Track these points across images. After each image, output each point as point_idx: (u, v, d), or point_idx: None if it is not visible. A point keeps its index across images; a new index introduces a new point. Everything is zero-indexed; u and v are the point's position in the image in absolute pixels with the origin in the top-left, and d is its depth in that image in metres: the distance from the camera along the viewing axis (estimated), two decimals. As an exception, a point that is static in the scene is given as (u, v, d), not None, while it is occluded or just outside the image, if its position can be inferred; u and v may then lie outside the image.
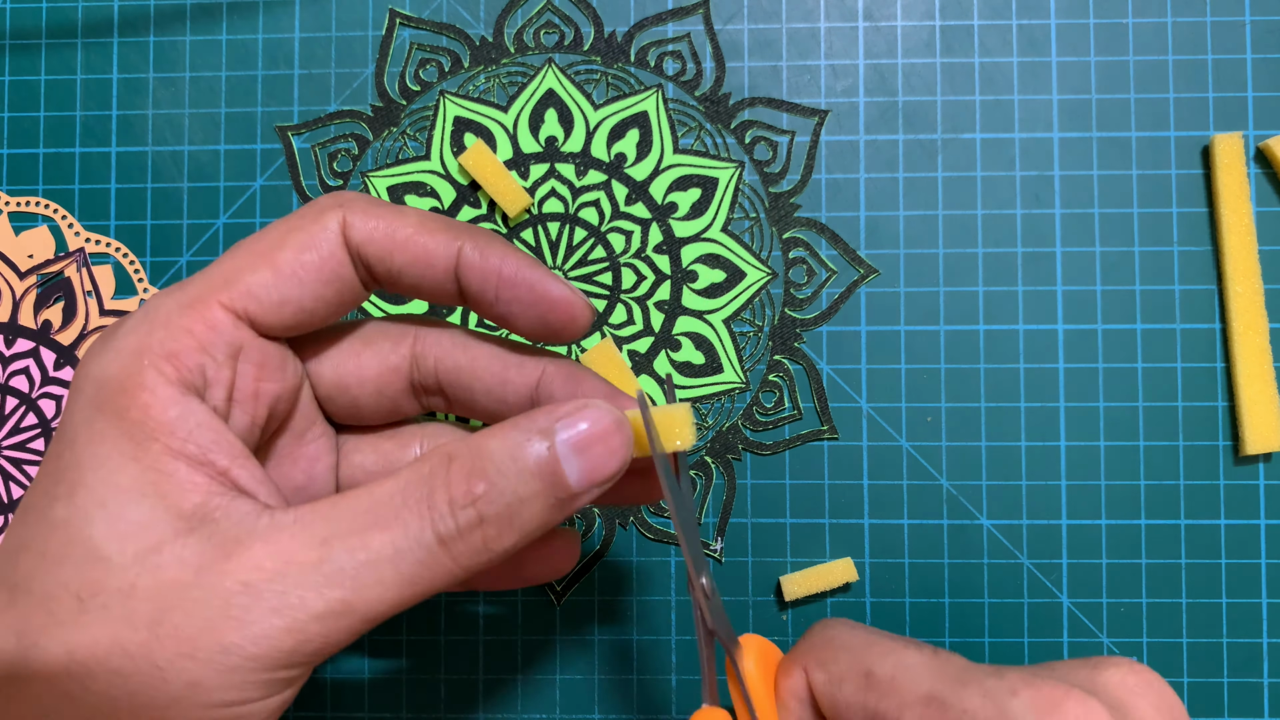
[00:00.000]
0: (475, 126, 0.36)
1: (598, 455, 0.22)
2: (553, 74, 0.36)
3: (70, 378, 0.36)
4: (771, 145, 0.35)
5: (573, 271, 0.35)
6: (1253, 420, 0.34)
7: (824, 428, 0.35)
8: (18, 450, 0.36)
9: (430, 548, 0.21)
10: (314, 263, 0.23)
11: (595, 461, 0.22)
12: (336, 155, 0.36)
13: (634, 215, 0.35)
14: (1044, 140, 0.35)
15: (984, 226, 0.35)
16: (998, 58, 0.35)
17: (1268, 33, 0.35)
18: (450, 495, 0.21)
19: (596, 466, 0.22)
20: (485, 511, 0.21)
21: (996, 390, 0.35)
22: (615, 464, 0.22)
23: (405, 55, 0.36)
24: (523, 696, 0.35)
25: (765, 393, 0.35)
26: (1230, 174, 0.34)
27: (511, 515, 0.21)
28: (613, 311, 0.35)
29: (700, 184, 0.35)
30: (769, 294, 0.35)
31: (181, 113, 0.36)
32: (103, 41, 0.36)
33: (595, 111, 0.36)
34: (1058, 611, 0.34)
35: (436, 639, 0.35)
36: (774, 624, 0.35)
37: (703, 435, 0.35)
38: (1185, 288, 0.35)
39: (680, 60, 0.36)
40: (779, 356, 0.35)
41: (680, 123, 0.36)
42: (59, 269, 0.36)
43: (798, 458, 0.35)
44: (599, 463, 0.22)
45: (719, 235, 0.35)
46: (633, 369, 0.35)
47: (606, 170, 0.35)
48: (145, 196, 0.36)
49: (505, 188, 0.35)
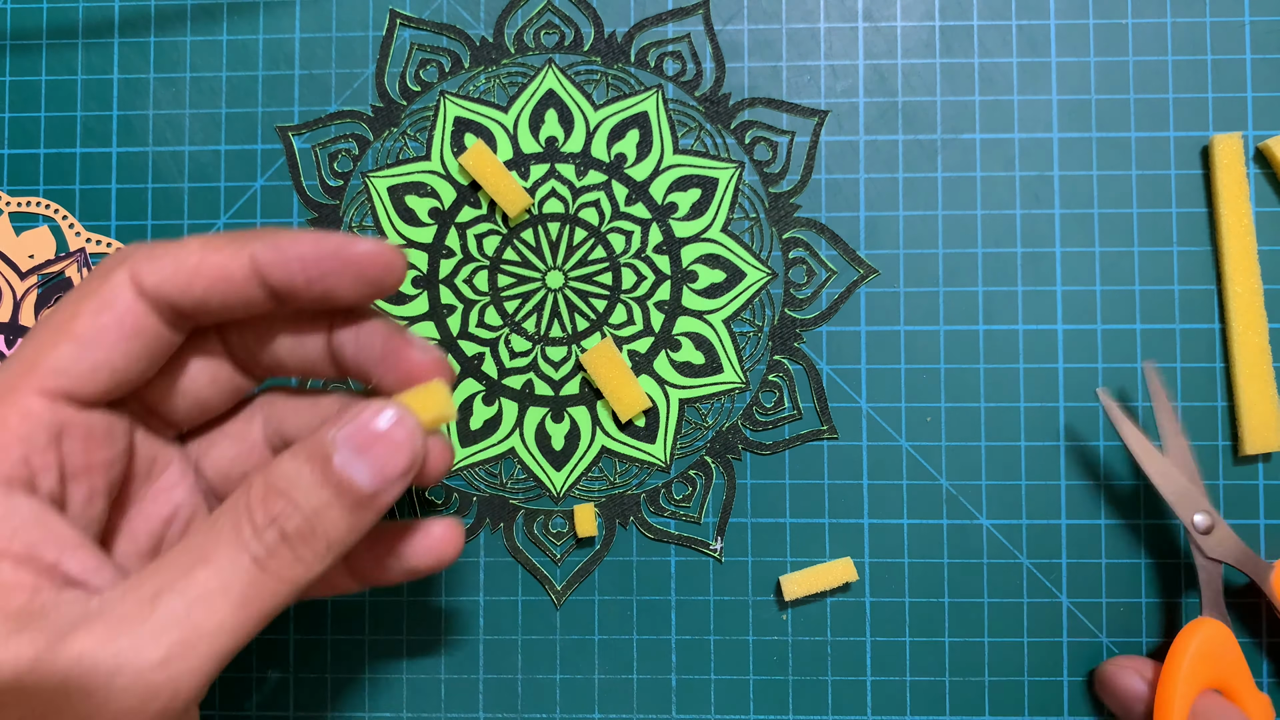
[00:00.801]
0: (475, 127, 0.36)
1: (382, 453, 0.23)
2: (553, 74, 0.36)
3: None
4: (771, 145, 0.35)
5: (573, 272, 0.35)
6: (1252, 420, 0.34)
7: (824, 428, 0.35)
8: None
9: (250, 571, 0.22)
10: (112, 322, 0.23)
11: (382, 460, 0.23)
12: (337, 155, 0.36)
13: (634, 215, 0.35)
14: (1044, 140, 0.35)
15: (984, 226, 0.35)
16: (998, 58, 0.35)
17: (1268, 33, 0.35)
18: (253, 519, 0.22)
19: (385, 464, 0.23)
20: (286, 528, 0.22)
21: (996, 390, 0.35)
22: (404, 457, 0.23)
23: (405, 56, 0.36)
24: (523, 696, 0.35)
25: (765, 393, 0.35)
26: (1230, 174, 0.34)
27: (313, 528, 0.22)
28: (613, 311, 0.35)
29: (700, 184, 0.35)
30: (769, 294, 0.35)
31: (182, 113, 0.36)
32: (103, 42, 0.36)
33: (595, 112, 0.36)
34: (1057, 611, 0.34)
35: (437, 639, 0.35)
36: (774, 624, 0.35)
37: (703, 435, 0.35)
38: (1185, 288, 0.35)
39: (680, 61, 0.36)
40: (779, 356, 0.35)
41: (680, 123, 0.36)
42: (60, 269, 0.36)
43: (798, 458, 0.35)
44: (386, 460, 0.23)
45: (719, 235, 0.35)
46: (633, 369, 0.35)
47: (606, 170, 0.35)
48: (146, 197, 0.36)
49: (506, 188, 0.35)
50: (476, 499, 0.35)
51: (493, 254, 0.35)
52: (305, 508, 0.22)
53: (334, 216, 0.36)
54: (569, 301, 0.35)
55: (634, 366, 0.35)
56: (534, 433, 0.35)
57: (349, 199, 0.36)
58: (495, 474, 0.35)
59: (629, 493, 0.35)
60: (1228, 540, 0.32)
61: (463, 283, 0.35)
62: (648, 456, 0.35)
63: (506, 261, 0.35)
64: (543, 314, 0.35)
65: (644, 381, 0.35)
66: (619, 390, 0.34)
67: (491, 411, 0.35)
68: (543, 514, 0.35)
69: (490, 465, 0.35)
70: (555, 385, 0.35)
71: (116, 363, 0.23)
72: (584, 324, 0.35)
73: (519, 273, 0.35)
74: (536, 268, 0.35)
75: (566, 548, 0.35)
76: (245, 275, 0.24)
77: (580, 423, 0.35)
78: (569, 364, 0.35)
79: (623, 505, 0.35)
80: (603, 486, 0.35)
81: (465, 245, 0.35)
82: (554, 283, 0.35)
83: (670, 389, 0.35)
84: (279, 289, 0.24)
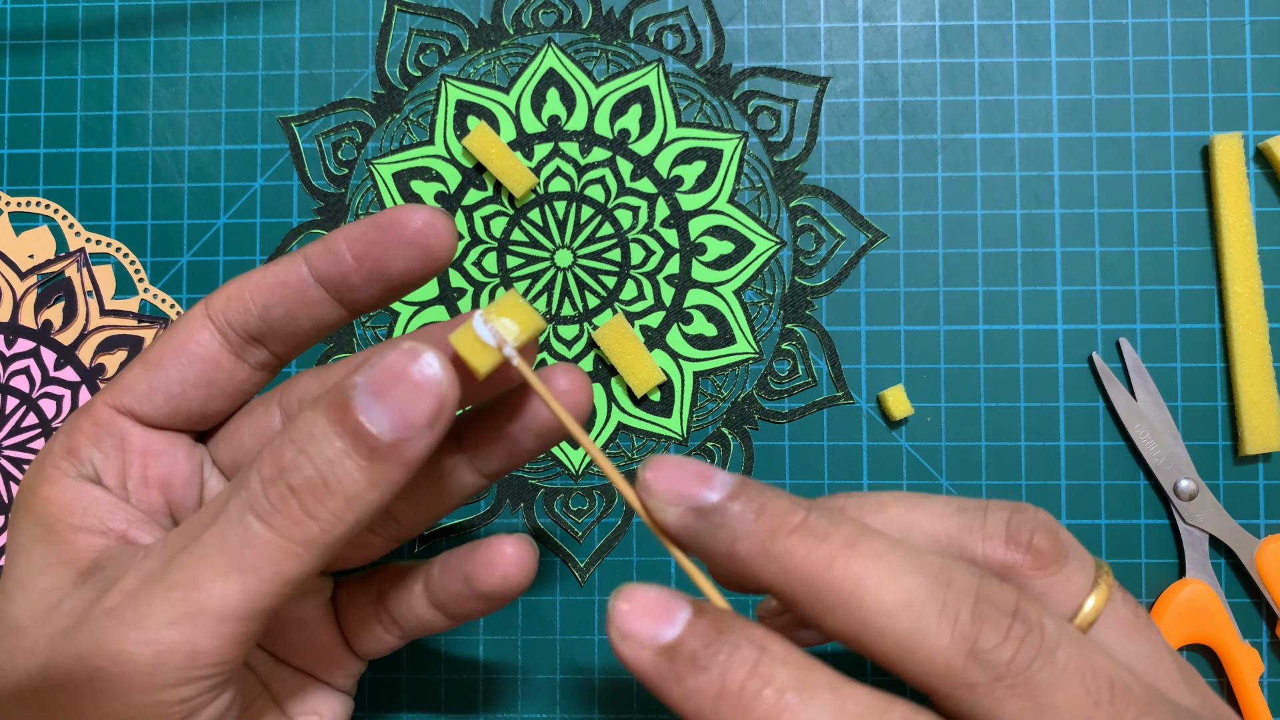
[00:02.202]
0: (478, 109, 0.36)
1: (403, 395, 0.20)
2: (553, 53, 0.36)
3: (71, 378, 0.36)
4: (774, 114, 0.36)
5: (581, 250, 0.35)
6: (1252, 420, 0.34)
7: (839, 394, 0.35)
8: (18, 450, 0.36)
9: (252, 528, 0.20)
10: (173, 348, 0.24)
11: (402, 404, 0.20)
12: (340, 145, 0.36)
13: (640, 190, 0.35)
14: (1044, 140, 0.35)
15: (984, 226, 0.35)
16: (998, 58, 0.35)
17: (1268, 33, 0.35)
18: (260, 472, 0.21)
19: (406, 409, 0.20)
20: (293, 480, 0.20)
21: (996, 390, 0.35)
22: (429, 402, 0.20)
23: (405, 41, 0.36)
24: (523, 696, 0.35)
25: (779, 362, 0.35)
26: (1230, 174, 0.34)
27: (324, 480, 0.20)
28: (623, 288, 0.35)
29: (705, 156, 0.36)
30: (778, 263, 0.35)
31: (182, 113, 0.36)
32: (103, 42, 0.36)
33: (597, 89, 0.36)
34: (1058, 611, 0.34)
35: (437, 639, 0.35)
36: (774, 624, 0.35)
37: (719, 406, 0.35)
38: (1185, 288, 0.35)
39: (680, 34, 0.36)
40: (791, 325, 0.35)
41: (682, 96, 0.36)
42: (59, 269, 0.36)
43: (798, 457, 0.35)
44: (408, 404, 0.20)
45: (726, 207, 0.35)
46: (645, 344, 0.35)
47: (610, 147, 0.36)
48: (146, 197, 0.36)
49: (510, 168, 0.35)
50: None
51: (500, 235, 0.36)
52: (318, 459, 0.20)
53: (339, 206, 0.36)
54: (579, 279, 0.35)
55: (646, 341, 0.35)
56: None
57: (354, 187, 0.36)
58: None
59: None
60: (1211, 510, 0.33)
61: (472, 265, 0.36)
62: (665, 431, 0.35)
63: (515, 242, 0.36)
64: (553, 293, 0.35)
65: (657, 356, 0.35)
66: (633, 366, 0.34)
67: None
68: (563, 493, 0.35)
69: (509, 445, 0.35)
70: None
71: (171, 386, 0.24)
72: (595, 301, 0.35)
73: (528, 253, 0.36)
74: (545, 247, 0.35)
75: (588, 525, 0.35)
76: (300, 278, 0.24)
77: (595, 400, 0.35)
78: (581, 342, 0.35)
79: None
80: (620, 463, 0.35)
81: (473, 228, 0.36)
82: (563, 261, 0.35)
83: (684, 362, 0.35)
84: (331, 277, 0.24)
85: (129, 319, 0.36)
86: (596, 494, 0.35)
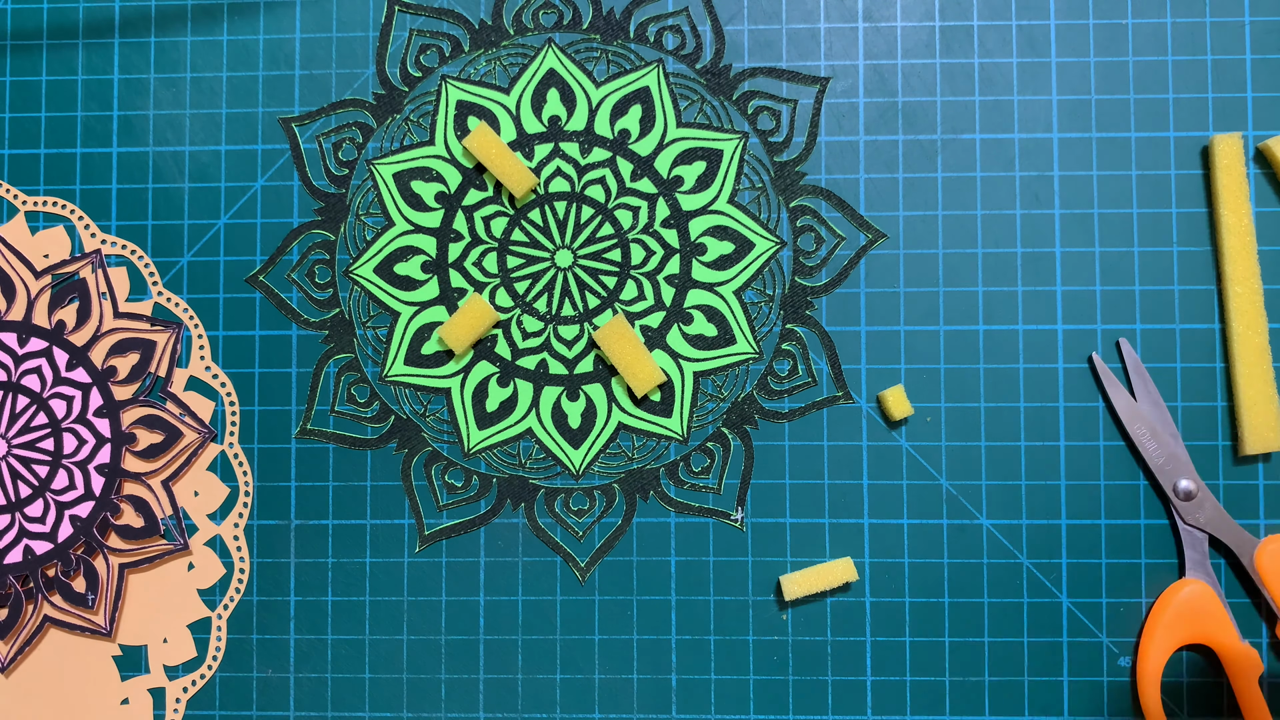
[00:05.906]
0: (478, 109, 0.36)
1: None
2: (553, 54, 0.36)
3: (82, 379, 0.36)
4: (774, 114, 0.36)
5: (582, 250, 0.35)
6: (1252, 420, 0.34)
7: (839, 394, 0.35)
8: (27, 449, 0.36)
9: None
10: None
11: None
12: (341, 145, 0.36)
13: (640, 191, 0.35)
14: (1044, 140, 0.35)
15: (984, 227, 0.35)
16: (998, 58, 0.35)
17: (1267, 33, 0.35)
18: None
19: None
20: None
21: (996, 390, 0.35)
22: None
23: (405, 42, 0.36)
24: (523, 696, 0.35)
25: (779, 361, 0.35)
26: (1230, 174, 0.34)
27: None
28: (623, 288, 0.35)
29: (705, 156, 0.36)
30: (778, 263, 0.35)
31: (182, 113, 0.36)
32: (104, 42, 0.36)
33: (597, 89, 0.36)
34: (1057, 611, 0.34)
35: (437, 639, 0.35)
36: (774, 623, 0.35)
37: (719, 406, 0.35)
38: (1185, 288, 0.35)
39: (680, 34, 0.36)
40: (791, 325, 0.35)
41: (682, 96, 0.36)
42: (74, 270, 0.36)
43: (798, 457, 0.35)
44: None
45: (726, 207, 0.35)
46: (646, 344, 0.35)
47: (611, 147, 0.36)
48: (146, 197, 0.36)
49: (510, 169, 0.35)
50: (496, 481, 0.35)
51: (501, 235, 0.36)
52: None
53: (340, 206, 0.36)
54: (579, 280, 0.35)
55: (647, 341, 0.35)
56: (550, 412, 0.35)
57: (355, 187, 0.36)
58: (514, 455, 0.35)
59: (648, 467, 0.35)
60: (1211, 510, 0.33)
61: (472, 265, 0.36)
62: (665, 431, 0.35)
63: (515, 242, 0.36)
64: (553, 293, 0.35)
65: (657, 356, 0.35)
66: (633, 366, 0.34)
67: (507, 393, 0.35)
68: (563, 492, 0.35)
69: (508, 446, 0.35)
70: (569, 364, 0.35)
71: None
72: (595, 301, 0.35)
73: (528, 253, 0.36)
74: (545, 247, 0.36)
75: (588, 524, 0.35)
76: None
77: (596, 400, 0.35)
78: (582, 342, 0.35)
79: (642, 479, 0.35)
80: (621, 462, 0.35)
81: (473, 228, 0.36)
82: (563, 261, 0.35)
83: (684, 362, 0.35)
84: None
85: (142, 322, 0.36)
86: (597, 494, 0.35)
